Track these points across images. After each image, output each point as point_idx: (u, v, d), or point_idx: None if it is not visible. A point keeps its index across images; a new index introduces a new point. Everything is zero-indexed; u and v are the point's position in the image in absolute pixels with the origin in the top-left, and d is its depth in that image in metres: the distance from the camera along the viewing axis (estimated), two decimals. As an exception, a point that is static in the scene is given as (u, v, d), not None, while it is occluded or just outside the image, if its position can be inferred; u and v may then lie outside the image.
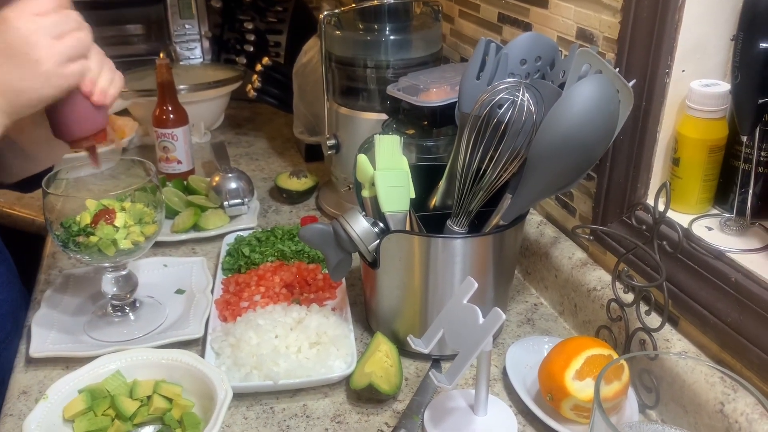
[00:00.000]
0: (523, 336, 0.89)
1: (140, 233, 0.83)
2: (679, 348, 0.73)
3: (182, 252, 1.08)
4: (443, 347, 0.81)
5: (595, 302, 0.84)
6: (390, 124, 1.03)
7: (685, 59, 0.74)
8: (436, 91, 0.96)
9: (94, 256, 0.82)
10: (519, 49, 0.81)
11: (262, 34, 1.68)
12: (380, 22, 1.08)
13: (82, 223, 0.81)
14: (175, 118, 1.24)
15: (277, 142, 1.53)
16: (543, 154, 0.73)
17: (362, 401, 0.78)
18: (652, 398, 0.73)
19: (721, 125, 0.75)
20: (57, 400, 0.70)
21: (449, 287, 0.80)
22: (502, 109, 0.77)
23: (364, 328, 0.91)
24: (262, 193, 1.28)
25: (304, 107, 1.37)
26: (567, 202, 0.95)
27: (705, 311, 0.70)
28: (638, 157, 0.79)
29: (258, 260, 0.99)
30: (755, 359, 0.65)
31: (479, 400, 0.73)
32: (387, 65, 1.08)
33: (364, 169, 0.82)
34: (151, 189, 0.86)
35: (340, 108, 1.13)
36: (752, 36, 0.65)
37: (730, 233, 0.75)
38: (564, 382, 0.71)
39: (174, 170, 1.26)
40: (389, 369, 0.79)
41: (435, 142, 1.00)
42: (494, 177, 0.79)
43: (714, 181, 0.78)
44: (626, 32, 0.78)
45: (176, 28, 1.69)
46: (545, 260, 0.95)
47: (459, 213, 0.82)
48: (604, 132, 0.72)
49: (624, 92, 0.73)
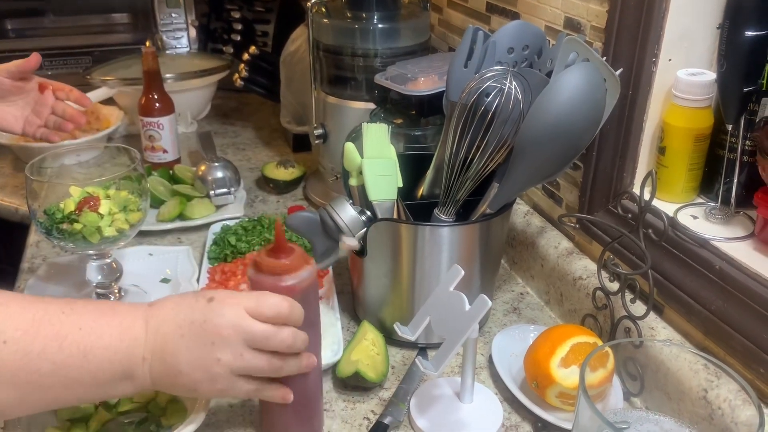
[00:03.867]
0: (509, 325, 0.89)
1: (125, 221, 0.83)
2: (663, 336, 0.74)
3: (168, 241, 1.08)
4: (429, 335, 0.82)
5: (581, 291, 0.85)
6: (378, 113, 1.03)
7: (671, 48, 0.74)
8: (424, 81, 0.96)
9: (78, 244, 0.82)
10: (507, 37, 0.81)
11: (250, 23, 1.67)
12: (368, 10, 1.07)
13: (66, 210, 0.81)
14: (161, 107, 1.23)
15: (264, 131, 1.52)
16: (530, 143, 0.73)
17: (348, 389, 0.78)
18: (636, 386, 0.74)
19: (707, 114, 0.75)
20: (40, 387, 0.69)
21: (436, 275, 0.80)
22: (489, 98, 0.77)
23: (351, 317, 0.91)
24: (249, 183, 1.27)
25: (291, 96, 1.36)
26: (553, 191, 0.96)
27: (689, 299, 0.71)
28: (624, 146, 0.80)
29: (244, 249, 0.98)
30: (738, 346, 0.65)
31: (465, 388, 0.73)
32: (375, 54, 1.07)
33: (351, 158, 0.82)
34: (136, 177, 0.85)
35: (327, 97, 1.13)
36: (738, 24, 0.65)
37: (715, 222, 0.75)
38: (549, 370, 0.71)
39: (160, 159, 1.25)
40: (376, 357, 0.79)
41: (423, 132, 0.99)
42: (481, 166, 0.79)
43: (699, 170, 0.78)
44: (613, 21, 0.78)
45: (163, 17, 1.67)
46: (531, 249, 0.96)
47: (446, 202, 0.82)
48: (590, 120, 0.73)
49: (611, 81, 0.73)
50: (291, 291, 0.61)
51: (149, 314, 0.59)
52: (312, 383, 0.68)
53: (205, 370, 0.59)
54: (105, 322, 0.57)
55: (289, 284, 0.61)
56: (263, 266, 0.62)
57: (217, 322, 0.58)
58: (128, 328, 0.58)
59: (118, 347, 0.57)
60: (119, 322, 0.58)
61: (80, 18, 1.89)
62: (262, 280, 0.62)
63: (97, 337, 0.56)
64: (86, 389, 0.57)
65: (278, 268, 0.61)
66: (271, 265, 0.61)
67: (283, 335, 0.60)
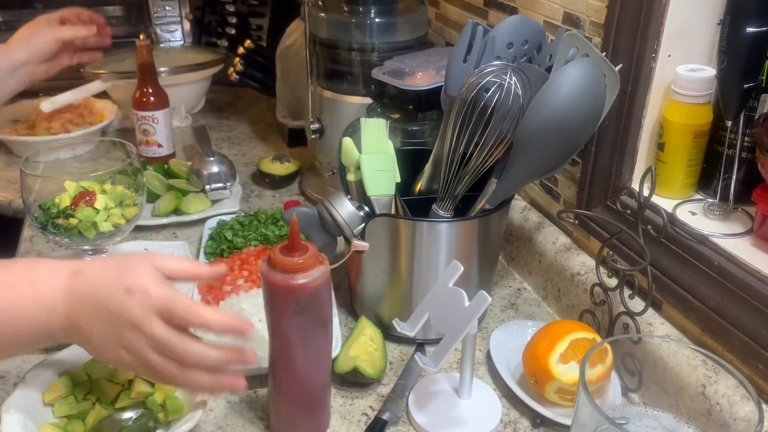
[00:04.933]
0: (506, 321, 0.89)
1: (121, 215, 0.82)
2: (662, 331, 0.74)
3: (163, 236, 1.07)
4: (428, 331, 0.81)
5: (579, 287, 0.85)
6: (375, 108, 1.02)
7: (671, 44, 0.74)
8: (421, 75, 0.95)
9: (74, 239, 0.81)
10: (506, 32, 0.80)
11: (244, 16, 1.66)
12: (365, 4, 1.07)
13: (62, 205, 0.80)
14: (156, 100, 1.22)
15: (259, 126, 1.52)
16: (529, 138, 0.73)
17: (347, 385, 0.78)
18: (634, 381, 0.74)
19: (706, 110, 0.75)
20: (36, 383, 0.69)
21: (434, 271, 0.80)
22: (489, 93, 0.77)
23: (349, 313, 0.90)
24: (245, 178, 1.27)
25: (287, 91, 1.35)
26: (551, 187, 0.96)
27: (688, 295, 0.71)
28: (623, 141, 0.80)
29: (241, 244, 0.98)
30: (737, 342, 0.66)
31: (464, 384, 0.73)
32: (372, 48, 1.07)
33: (349, 153, 0.81)
34: (132, 171, 0.85)
35: (323, 91, 1.12)
36: (738, 20, 0.65)
37: (713, 218, 0.75)
38: (548, 366, 0.71)
39: (154, 154, 1.24)
40: (374, 353, 0.79)
41: (420, 127, 0.99)
42: (480, 161, 0.79)
43: (698, 166, 0.78)
44: (613, 17, 0.78)
45: (157, 10, 1.66)
46: (529, 245, 0.96)
47: (444, 197, 0.82)
48: (590, 116, 0.73)
49: (610, 76, 0.73)
50: (303, 289, 0.62)
51: (71, 286, 0.59)
52: (319, 377, 0.68)
53: (114, 355, 0.60)
54: (22, 295, 0.59)
55: (301, 282, 0.62)
56: (276, 263, 0.62)
57: (126, 319, 0.57)
58: (46, 300, 0.59)
59: (36, 317, 0.59)
60: (36, 293, 0.59)
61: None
62: (274, 277, 0.62)
63: (13, 306, 0.58)
64: (8, 347, 0.61)
65: (291, 266, 0.61)
66: (284, 263, 0.61)
67: (186, 347, 0.58)
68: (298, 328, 0.64)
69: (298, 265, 0.62)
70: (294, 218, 0.63)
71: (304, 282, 0.62)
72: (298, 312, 0.63)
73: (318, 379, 0.68)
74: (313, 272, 0.62)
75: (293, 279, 0.61)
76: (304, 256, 0.62)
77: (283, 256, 0.62)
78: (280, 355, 0.66)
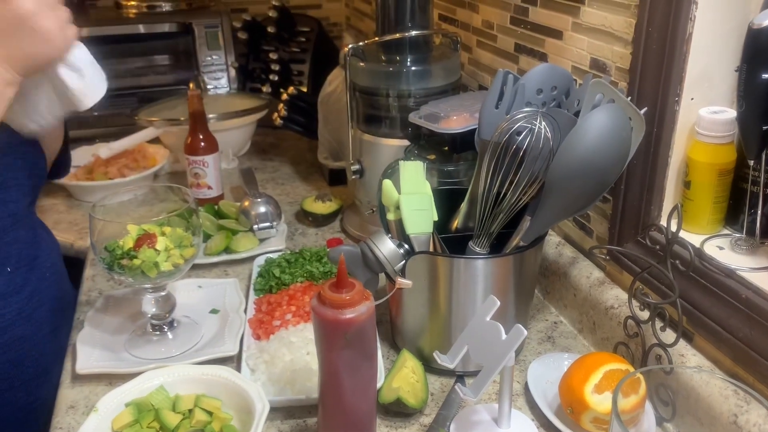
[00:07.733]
0: (543, 353, 0.92)
1: (180, 256, 0.88)
2: (693, 362, 0.76)
3: (215, 274, 1.13)
4: (467, 363, 0.85)
5: (613, 320, 0.88)
6: (412, 149, 1.08)
7: (693, 88, 0.78)
8: (456, 119, 1.01)
9: (137, 278, 0.87)
10: (535, 79, 0.85)
11: (286, 63, 1.74)
12: (402, 53, 1.13)
13: (126, 246, 0.87)
14: (206, 145, 1.29)
15: (301, 167, 1.59)
16: (560, 179, 0.77)
17: (390, 415, 0.82)
18: (668, 411, 0.76)
19: (730, 149, 0.78)
20: (106, 412, 0.74)
21: (472, 305, 0.84)
22: (520, 137, 0.81)
23: (390, 346, 0.95)
24: (289, 217, 1.33)
25: (328, 134, 1.42)
26: (584, 223, 0.99)
27: (718, 327, 0.73)
28: (651, 180, 0.83)
29: (288, 281, 1.03)
30: (767, 372, 0.68)
31: (503, 414, 0.77)
32: (408, 94, 1.12)
33: (389, 194, 0.86)
34: (188, 214, 0.91)
35: (363, 135, 1.18)
36: (755, 67, 0.69)
37: (740, 252, 0.78)
38: (584, 396, 0.74)
39: (204, 195, 1.32)
40: (415, 384, 0.83)
41: (455, 167, 1.04)
42: (514, 200, 0.83)
43: (724, 202, 0.81)
44: (637, 63, 0.82)
45: (204, 59, 1.76)
46: (564, 280, 0.99)
47: (480, 234, 0.86)
48: (617, 157, 0.77)
49: (636, 119, 0.77)
50: (350, 323, 0.66)
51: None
52: (366, 407, 0.72)
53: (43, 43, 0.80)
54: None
55: (349, 317, 0.66)
56: (326, 299, 0.67)
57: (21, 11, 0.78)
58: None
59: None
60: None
61: (124, 60, 1.98)
62: (324, 312, 0.67)
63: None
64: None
65: (339, 302, 0.66)
66: (332, 299, 0.66)
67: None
68: (346, 360, 0.69)
69: (346, 301, 0.66)
70: (342, 257, 0.68)
71: (352, 317, 0.66)
72: (346, 345, 0.68)
73: (364, 408, 0.72)
74: (360, 307, 0.67)
75: (342, 314, 0.66)
76: (351, 293, 0.67)
77: (332, 292, 0.67)
78: (329, 385, 0.71)
